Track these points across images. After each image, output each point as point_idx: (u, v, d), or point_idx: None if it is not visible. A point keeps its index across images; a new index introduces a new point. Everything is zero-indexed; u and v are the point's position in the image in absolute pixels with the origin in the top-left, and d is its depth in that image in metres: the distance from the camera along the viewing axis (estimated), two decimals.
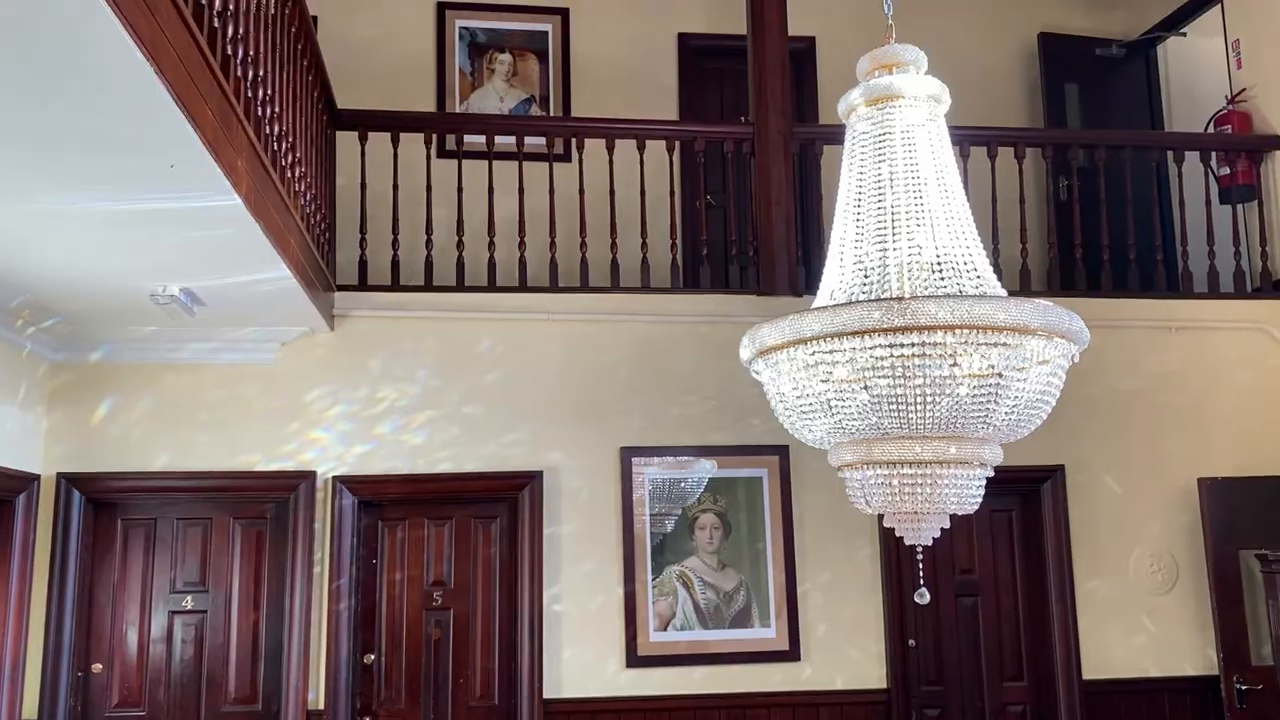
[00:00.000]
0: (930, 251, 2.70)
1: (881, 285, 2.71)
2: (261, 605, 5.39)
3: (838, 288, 2.76)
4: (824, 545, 5.64)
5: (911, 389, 2.51)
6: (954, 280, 2.65)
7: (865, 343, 2.48)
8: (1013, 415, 2.58)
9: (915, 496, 2.63)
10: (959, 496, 2.66)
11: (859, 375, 2.53)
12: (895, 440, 2.61)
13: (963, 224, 2.74)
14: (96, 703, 5.25)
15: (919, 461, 2.62)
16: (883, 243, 2.74)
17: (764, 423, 5.66)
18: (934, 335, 2.43)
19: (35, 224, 3.64)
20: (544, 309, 5.71)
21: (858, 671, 5.54)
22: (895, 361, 2.48)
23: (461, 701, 5.44)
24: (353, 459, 5.47)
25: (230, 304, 4.81)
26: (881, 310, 2.45)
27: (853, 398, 2.56)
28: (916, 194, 2.73)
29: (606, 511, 5.56)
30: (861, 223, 2.78)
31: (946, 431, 2.59)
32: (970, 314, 2.42)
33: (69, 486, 5.25)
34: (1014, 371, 2.53)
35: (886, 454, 2.61)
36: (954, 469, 2.63)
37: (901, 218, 2.73)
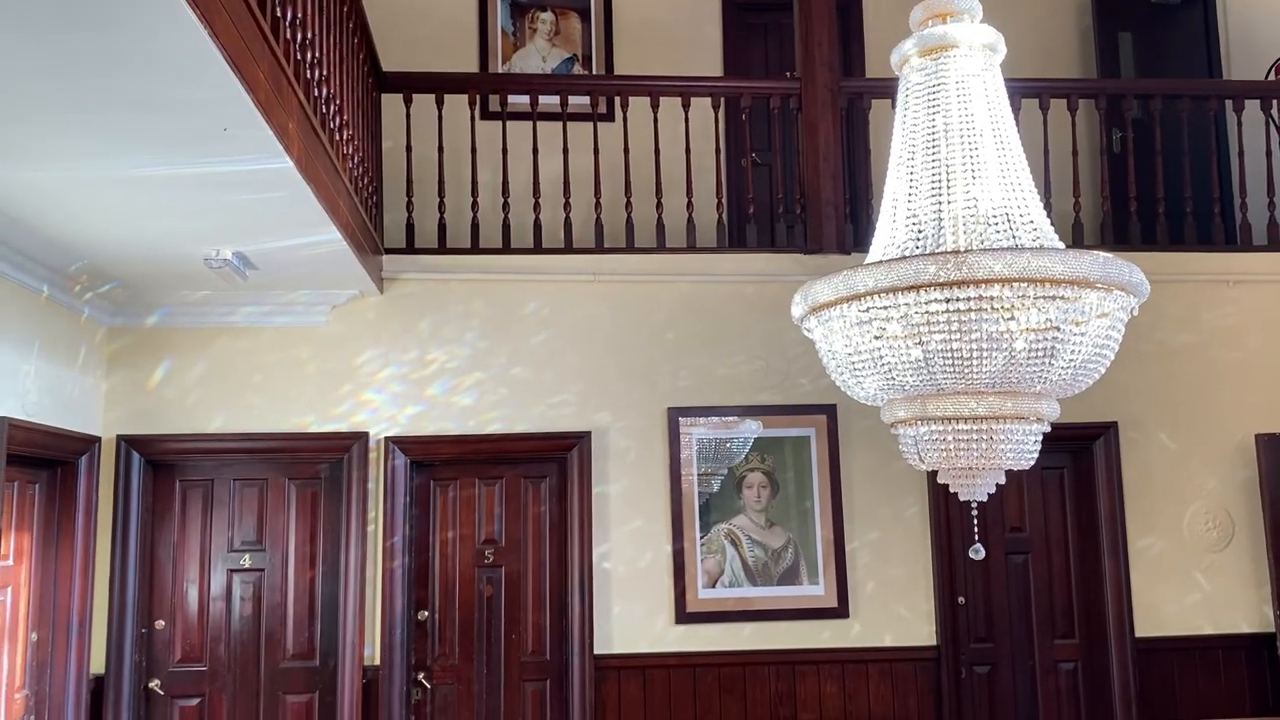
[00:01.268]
0: (986, 204, 2.66)
1: (936, 239, 2.67)
2: (317, 563, 5.50)
3: (891, 243, 2.73)
4: (872, 503, 5.63)
5: (967, 344, 2.48)
6: (1010, 233, 2.62)
7: (920, 297, 2.45)
8: (1070, 370, 2.55)
9: (971, 452, 2.62)
10: (1015, 452, 2.64)
11: (913, 331, 2.51)
12: (950, 396, 2.59)
13: (1019, 176, 2.70)
14: (160, 658, 5.40)
15: (974, 417, 2.61)
16: (937, 196, 2.70)
17: (811, 382, 5.64)
18: (990, 289, 2.41)
19: (91, 189, 3.70)
20: (589, 270, 5.71)
21: (907, 629, 5.55)
22: (951, 316, 2.46)
23: (514, 657, 5.53)
24: (404, 420, 5.53)
25: (282, 267, 4.87)
26: (937, 264, 2.42)
27: (906, 354, 2.54)
28: (971, 146, 2.69)
29: (654, 471, 5.59)
30: (915, 176, 2.74)
31: (1002, 387, 2.56)
32: (1027, 267, 2.39)
33: (128, 448, 5.37)
34: (1071, 325, 2.50)
35: (941, 410, 2.60)
36: (1010, 424, 2.61)
37: (956, 170, 2.69)
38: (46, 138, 3.20)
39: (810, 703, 5.44)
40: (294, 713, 5.40)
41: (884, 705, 5.47)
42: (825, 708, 5.44)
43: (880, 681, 5.49)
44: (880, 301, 2.50)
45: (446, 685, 5.49)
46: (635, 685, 5.40)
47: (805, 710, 5.43)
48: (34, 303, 4.65)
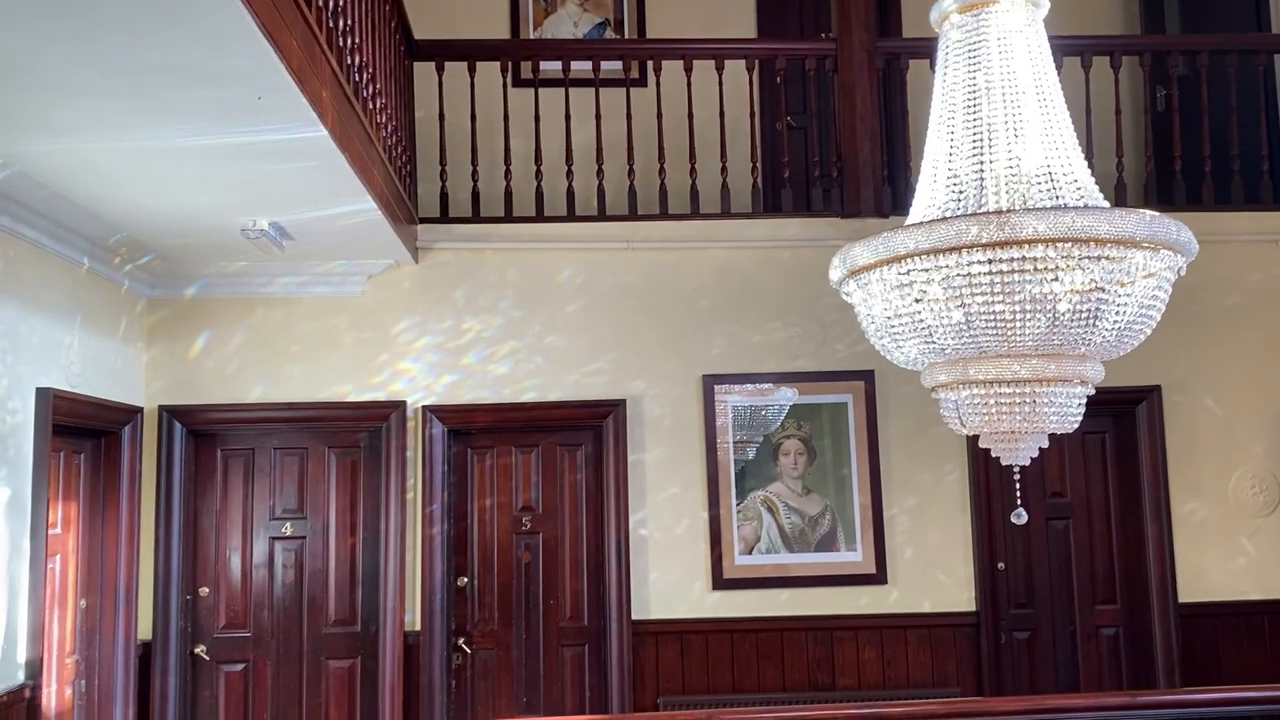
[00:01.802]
0: (1029, 163, 2.61)
1: (978, 200, 2.63)
2: (358, 531, 5.56)
3: (931, 204, 2.69)
4: (911, 469, 5.59)
5: (1010, 306, 2.44)
6: (1054, 193, 2.57)
7: (961, 259, 2.41)
8: (1115, 332, 2.50)
9: (1013, 416, 2.58)
10: (1059, 415, 2.60)
11: (954, 293, 2.47)
12: (992, 359, 2.56)
13: (1062, 134, 2.64)
14: (205, 624, 5.49)
15: (1017, 381, 2.57)
16: (978, 156, 2.65)
17: (848, 348, 5.60)
18: (1033, 250, 2.36)
19: (128, 161, 3.73)
20: (623, 237, 5.69)
21: (946, 594, 5.53)
22: (993, 278, 2.42)
23: (552, 622, 5.57)
24: (441, 389, 5.56)
25: (318, 238, 4.89)
26: (979, 225, 2.38)
27: (947, 317, 2.50)
28: (1013, 104, 2.63)
29: (689, 439, 5.58)
30: (955, 136, 2.69)
31: (1045, 349, 2.52)
32: (1072, 226, 2.34)
33: (170, 418, 5.44)
34: (1117, 286, 2.45)
35: (983, 373, 2.56)
36: (1053, 387, 2.57)
37: (998, 129, 2.63)
38: (82, 109, 3.22)
39: (848, 668, 5.45)
40: (336, 678, 5.48)
41: (923, 671, 5.47)
42: (863, 673, 5.44)
43: (919, 647, 5.48)
44: (921, 264, 2.46)
45: (486, 650, 5.55)
46: (673, 650, 5.43)
47: (843, 676, 5.44)
48: (75, 275, 4.70)
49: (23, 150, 3.59)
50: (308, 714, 5.46)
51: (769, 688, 5.40)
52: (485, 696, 5.52)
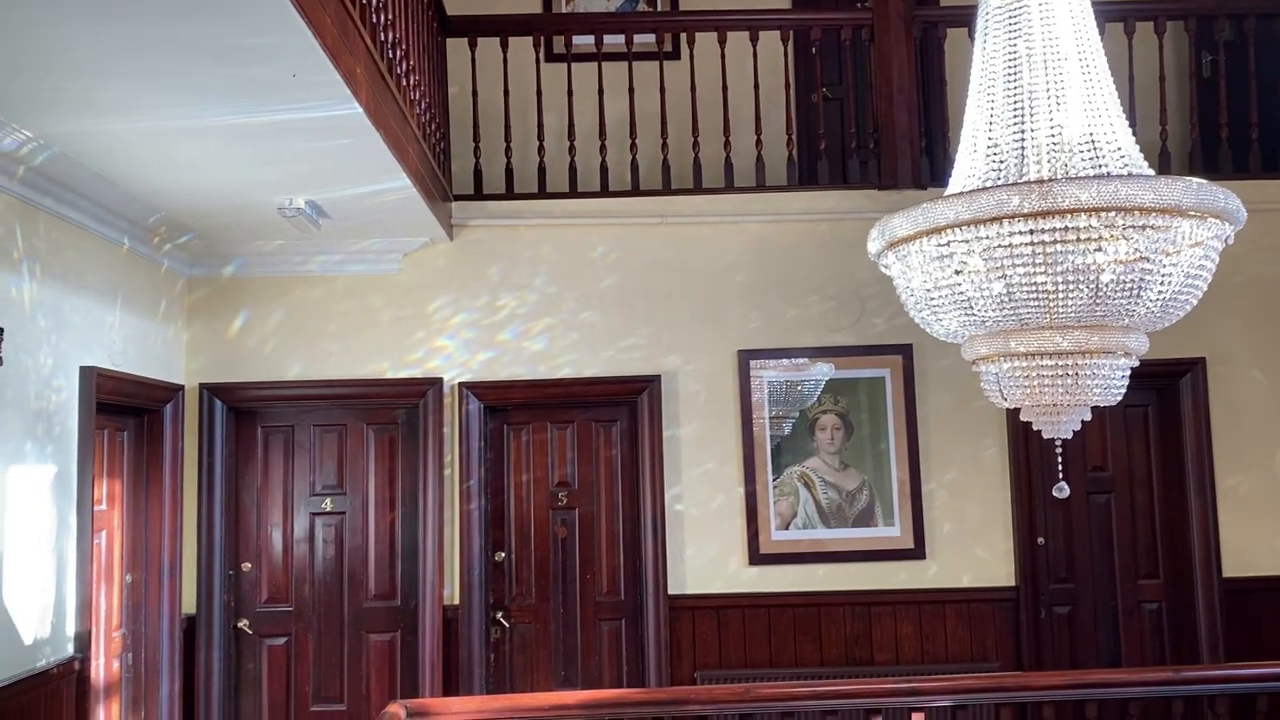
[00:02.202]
0: (1071, 131, 2.56)
1: (1019, 170, 2.58)
2: (396, 506, 5.62)
3: (970, 175, 2.65)
4: (949, 444, 5.55)
5: (1052, 277, 2.40)
6: (1097, 161, 2.52)
7: (1002, 229, 2.38)
8: (1160, 303, 2.45)
9: (1056, 389, 2.55)
10: (1102, 388, 2.57)
11: (995, 265, 2.43)
12: (1034, 331, 2.52)
13: (1105, 101, 2.58)
14: (248, 599, 5.58)
15: (1059, 353, 2.53)
16: (1019, 125, 2.60)
17: (886, 322, 5.55)
18: (1076, 219, 2.32)
19: (166, 140, 3.76)
20: (657, 212, 5.66)
21: (985, 569, 5.49)
22: (1034, 249, 2.38)
23: (589, 597, 5.60)
24: (477, 365, 5.58)
25: (354, 216, 4.91)
26: (1020, 195, 2.34)
27: (988, 288, 2.47)
28: (1055, 70, 2.58)
29: (725, 414, 5.57)
30: (995, 105, 2.64)
31: (1088, 321, 2.48)
32: (1116, 195, 2.29)
33: (211, 396, 5.51)
34: (1162, 255, 2.40)
35: (1025, 345, 2.53)
36: (1097, 359, 2.53)
37: (1039, 97, 2.59)
38: (120, 89, 3.25)
39: (886, 643, 5.43)
40: (377, 651, 5.55)
41: (961, 646, 5.44)
42: (901, 648, 5.43)
43: (957, 622, 5.46)
44: (960, 235, 2.42)
45: (524, 624, 5.59)
46: (709, 625, 5.44)
47: (881, 651, 5.43)
48: (116, 255, 4.76)
49: (63, 131, 3.63)
50: (349, 686, 5.54)
51: (806, 663, 5.40)
52: (523, 670, 5.57)
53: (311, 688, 5.54)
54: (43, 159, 3.85)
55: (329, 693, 5.54)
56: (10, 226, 3.90)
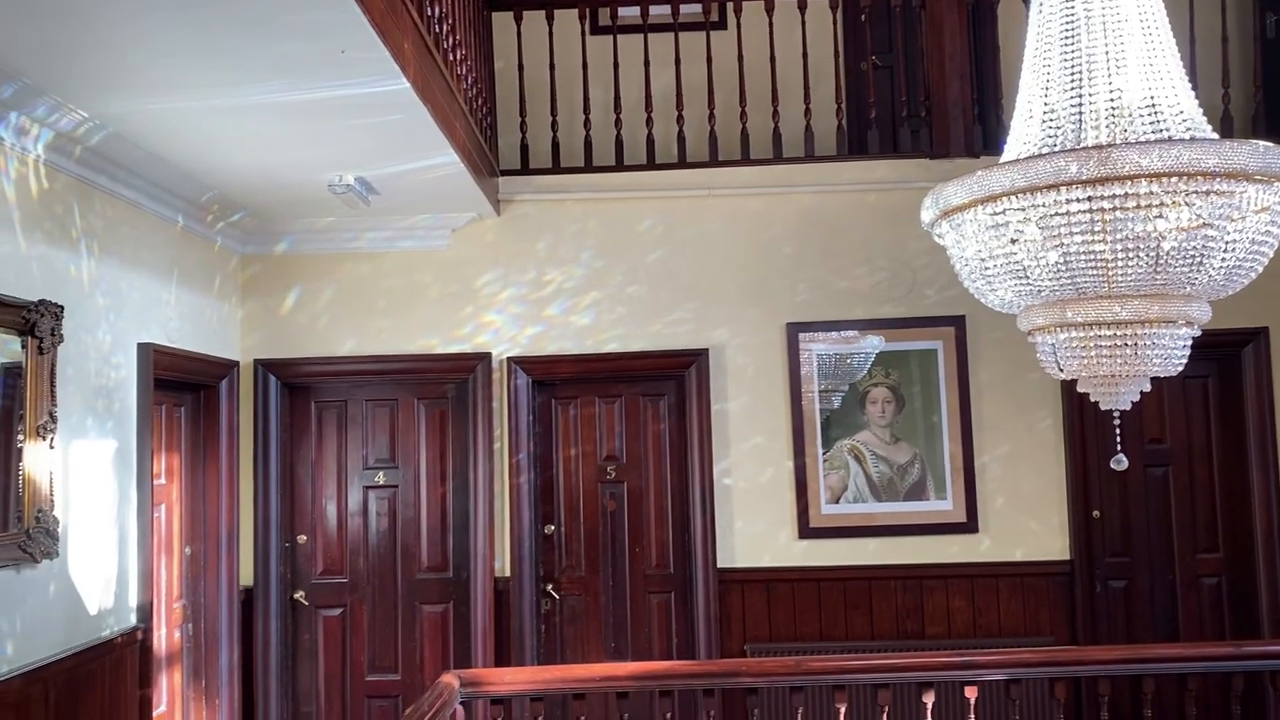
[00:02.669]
0: (1131, 95, 2.49)
1: (1076, 136, 2.52)
2: (448, 480, 5.67)
3: (1026, 142, 2.59)
4: (1002, 416, 5.47)
5: (1110, 245, 2.35)
6: (1158, 125, 2.45)
7: (1059, 197, 2.33)
8: (1223, 270, 2.39)
9: (1114, 360, 2.50)
10: (1162, 358, 2.51)
11: (1051, 233, 2.38)
12: (1091, 300, 2.47)
13: (1167, 63, 2.51)
14: (303, 571, 5.68)
15: (1118, 323, 2.48)
16: (1076, 89, 2.54)
17: (938, 293, 5.48)
18: (1137, 185, 2.26)
19: (218, 119, 3.80)
20: (704, 184, 5.62)
21: (1039, 543, 5.42)
22: (1093, 216, 2.33)
23: (638, 570, 5.62)
24: (525, 340, 5.60)
25: (402, 192, 4.94)
26: (1078, 161, 2.29)
27: (1044, 257, 2.42)
28: (1115, 33, 2.51)
29: (774, 388, 5.54)
30: (1052, 70, 2.58)
31: (1148, 290, 2.43)
32: (1178, 160, 2.23)
33: (266, 372, 5.59)
34: (1226, 222, 2.33)
35: (1082, 315, 2.48)
36: (1157, 329, 2.48)
37: (1098, 60, 2.52)
38: (173, 67, 3.28)
39: (938, 616, 5.40)
40: (430, 622, 5.63)
41: (1015, 619, 5.39)
42: (954, 621, 5.39)
43: (1010, 596, 5.40)
44: (1016, 203, 2.38)
45: (574, 596, 5.64)
46: (759, 598, 5.44)
47: (933, 624, 5.39)
48: (171, 233, 4.83)
49: (118, 111, 3.68)
50: (403, 657, 5.62)
51: (857, 636, 5.38)
52: (574, 641, 5.62)
53: (366, 658, 5.63)
54: (98, 139, 3.91)
55: (384, 663, 5.63)
56: (68, 205, 3.97)
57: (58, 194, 3.89)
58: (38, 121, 3.62)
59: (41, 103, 3.52)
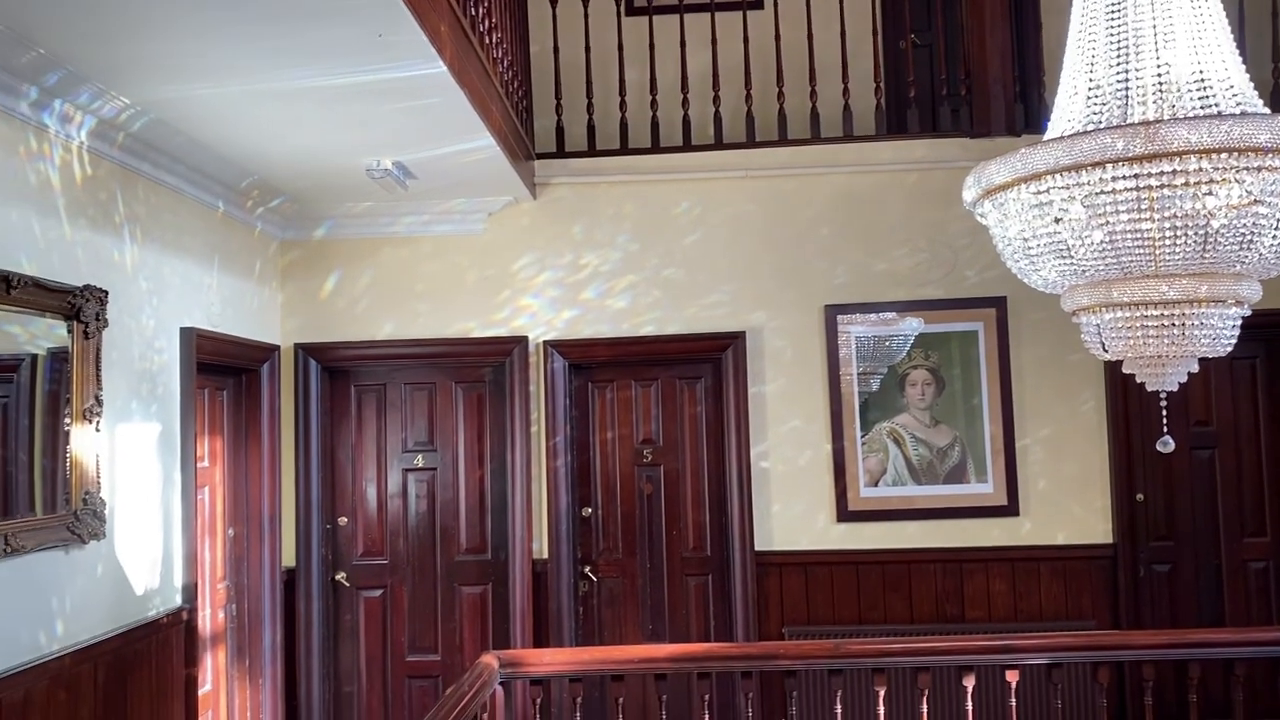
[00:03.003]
0: (1179, 70, 2.44)
1: (1123, 112, 2.47)
2: (485, 463, 5.70)
3: (1070, 119, 2.55)
4: (1044, 398, 5.41)
5: (1158, 224, 2.30)
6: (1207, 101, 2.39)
7: (1105, 174, 2.29)
8: (1275, 248, 2.34)
9: (1161, 340, 2.46)
10: (1211, 338, 2.46)
11: (1097, 212, 2.34)
12: (1138, 280, 2.43)
13: (1217, 37, 2.46)
14: (344, 552, 5.74)
15: (1165, 302, 2.43)
16: (1123, 65, 2.49)
17: (979, 274, 5.42)
18: (1185, 162, 2.22)
19: (258, 104, 3.83)
20: (741, 166, 5.59)
21: (1081, 526, 5.36)
22: (1139, 194, 2.28)
23: (675, 552, 5.63)
24: (561, 324, 5.61)
25: (439, 176, 4.95)
26: (1125, 138, 2.24)
27: (1088, 236, 2.38)
28: (1162, 6, 2.46)
29: (811, 370, 5.51)
30: (1097, 45, 2.53)
31: (1196, 268, 2.38)
32: (1229, 136, 2.19)
33: (306, 356, 5.64)
34: (1278, 198, 2.28)
35: (1128, 295, 2.44)
36: (1205, 308, 2.43)
37: (1145, 34, 2.47)
38: (211, 54, 3.31)
39: (978, 600, 5.36)
40: (469, 603, 5.67)
41: (1056, 603, 5.34)
42: (994, 605, 5.35)
43: (1052, 580, 5.35)
44: (1060, 181, 2.34)
45: (612, 578, 5.65)
46: (797, 581, 5.43)
47: (973, 608, 5.35)
48: (211, 219, 4.88)
49: (160, 97, 3.72)
50: (443, 637, 5.67)
51: (896, 619, 5.36)
52: (612, 623, 5.64)
53: (407, 638, 5.69)
54: (140, 125, 3.95)
55: (424, 643, 5.69)
56: (112, 192, 4.02)
57: (101, 180, 3.94)
58: (81, 109, 3.66)
59: (84, 90, 3.57)
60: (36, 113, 3.50)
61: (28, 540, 3.40)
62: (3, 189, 3.35)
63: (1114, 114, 2.49)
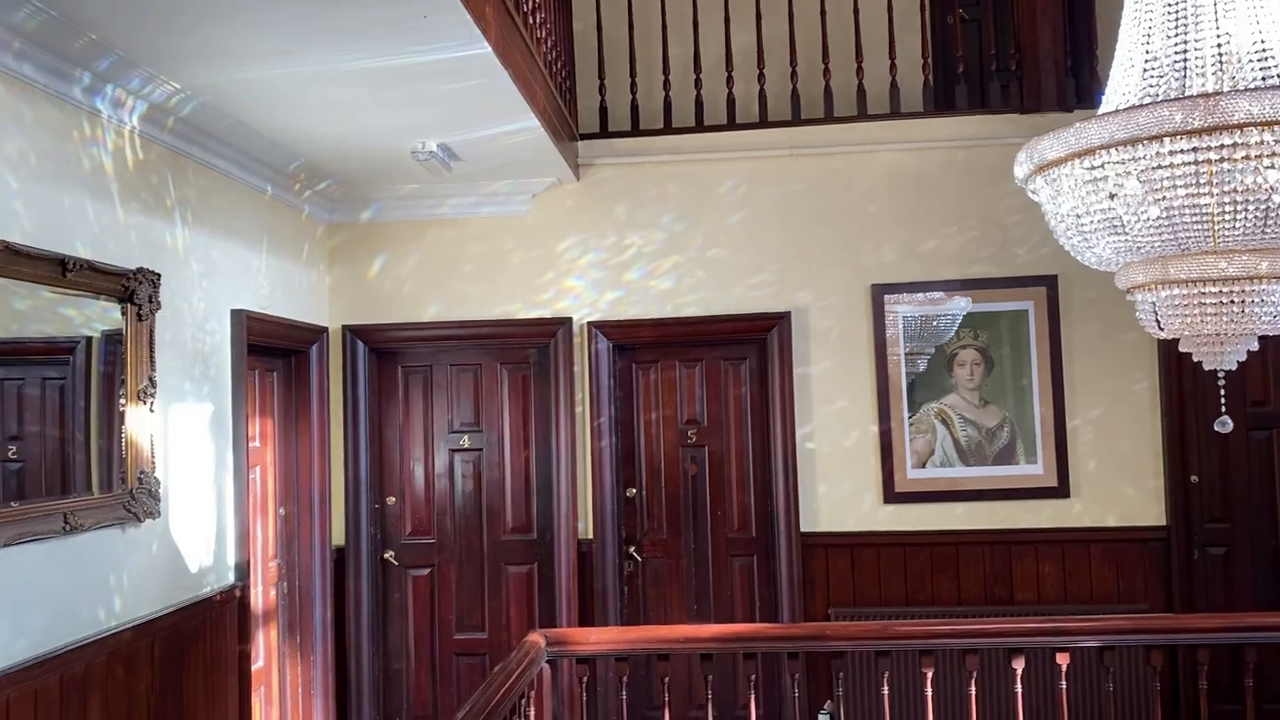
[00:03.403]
0: (1240, 40, 2.37)
1: (1181, 85, 2.41)
2: (531, 443, 5.73)
3: (1125, 93, 2.49)
4: (1096, 378, 5.32)
5: (1217, 198, 2.25)
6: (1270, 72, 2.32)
7: (1162, 149, 2.23)
8: None
9: (1220, 318, 2.40)
10: (1272, 315, 2.41)
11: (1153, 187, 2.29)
12: (1195, 256, 2.37)
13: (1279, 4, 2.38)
14: (392, 531, 5.80)
15: (1224, 279, 2.38)
16: (1180, 35, 2.43)
17: (1029, 252, 5.33)
18: (1247, 135, 2.16)
19: (305, 87, 3.85)
20: (787, 144, 5.54)
21: (1133, 508, 5.28)
22: (1198, 168, 2.22)
23: (720, 533, 5.63)
24: (605, 305, 5.61)
25: (484, 158, 4.96)
26: (1183, 110, 2.19)
27: (1145, 212, 2.32)
28: None
29: (858, 350, 5.46)
30: (1154, 15, 2.47)
31: (1256, 244, 2.32)
32: None
33: (353, 338, 5.70)
34: None
35: (1186, 272, 2.39)
36: (1266, 285, 2.37)
37: (1204, 3, 2.40)
38: (259, 37, 3.34)
39: (1027, 582, 5.30)
40: (516, 582, 5.72)
41: (1107, 586, 5.27)
42: (1043, 587, 5.29)
43: (1103, 562, 5.28)
44: (1116, 156, 2.29)
45: (656, 559, 5.67)
46: (843, 562, 5.41)
47: (1022, 590, 5.30)
48: (260, 202, 4.93)
49: (209, 81, 3.75)
50: (490, 616, 5.73)
51: (943, 601, 5.32)
52: (657, 603, 5.66)
53: (454, 616, 5.75)
54: (190, 109, 4.00)
55: (471, 621, 5.74)
56: (162, 176, 4.07)
57: (152, 164, 4.00)
58: (132, 93, 3.71)
59: (135, 75, 3.61)
60: (89, 98, 3.55)
61: (86, 519, 3.47)
62: (57, 174, 3.41)
63: (1171, 86, 2.43)
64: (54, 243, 3.35)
